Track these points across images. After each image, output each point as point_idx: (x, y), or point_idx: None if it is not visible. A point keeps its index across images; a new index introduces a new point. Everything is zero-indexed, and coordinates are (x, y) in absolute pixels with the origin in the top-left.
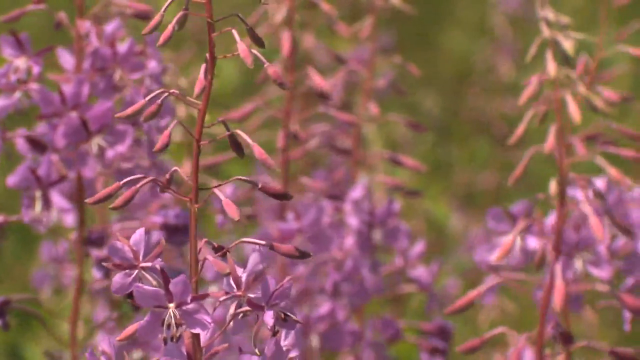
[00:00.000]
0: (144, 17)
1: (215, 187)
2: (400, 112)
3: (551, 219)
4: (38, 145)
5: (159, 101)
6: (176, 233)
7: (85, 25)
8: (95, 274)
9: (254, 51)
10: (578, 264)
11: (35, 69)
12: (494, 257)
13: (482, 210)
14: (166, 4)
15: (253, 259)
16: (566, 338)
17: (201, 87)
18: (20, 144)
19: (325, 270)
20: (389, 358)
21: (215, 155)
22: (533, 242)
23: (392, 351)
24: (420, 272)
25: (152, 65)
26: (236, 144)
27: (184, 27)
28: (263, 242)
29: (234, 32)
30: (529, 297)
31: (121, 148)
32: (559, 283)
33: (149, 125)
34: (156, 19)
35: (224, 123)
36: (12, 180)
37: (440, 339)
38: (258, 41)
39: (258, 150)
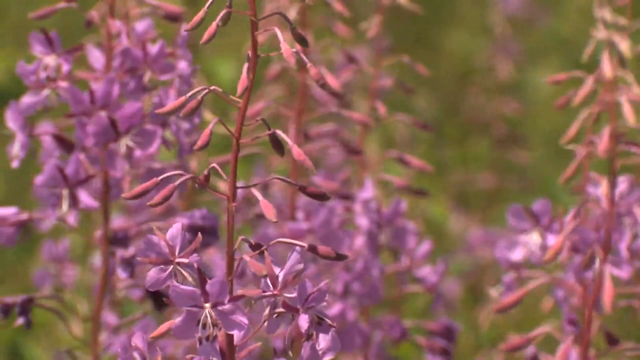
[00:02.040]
0: (175, 18)
1: (253, 186)
2: (397, 112)
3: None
4: (65, 143)
5: (199, 97)
6: (202, 234)
7: (116, 24)
8: (121, 273)
9: (296, 51)
10: (597, 263)
11: (65, 67)
12: (545, 257)
13: (479, 210)
14: (209, 2)
15: (292, 258)
16: (612, 339)
17: (244, 85)
18: (47, 141)
19: (334, 270)
20: (391, 358)
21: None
22: (553, 241)
23: (393, 351)
24: (426, 271)
25: (182, 66)
26: (277, 143)
27: (227, 24)
28: (303, 244)
29: (277, 30)
30: (530, 297)
31: (150, 149)
32: (607, 284)
33: (177, 126)
34: (199, 15)
35: (264, 122)
36: (40, 179)
37: (446, 339)
38: (302, 40)
39: (297, 152)
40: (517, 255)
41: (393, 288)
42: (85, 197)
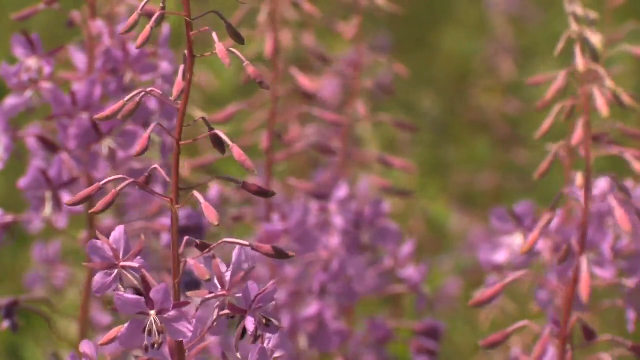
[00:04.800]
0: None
1: (195, 187)
2: (398, 112)
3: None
4: (49, 145)
5: (137, 99)
6: (187, 234)
7: (97, 25)
8: None
9: (234, 50)
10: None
11: (47, 69)
12: (521, 250)
13: (481, 209)
14: (143, 2)
15: (236, 257)
16: (589, 333)
17: (180, 88)
18: (31, 143)
19: (311, 271)
20: (389, 358)
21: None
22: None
23: (391, 351)
24: (409, 272)
25: (164, 66)
26: (218, 142)
27: (160, 25)
28: (246, 242)
29: (213, 33)
30: (531, 297)
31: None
32: (584, 277)
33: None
34: (133, 17)
35: (204, 120)
36: (23, 182)
37: (430, 339)
38: (238, 38)
39: (237, 152)
40: (500, 257)
41: (379, 288)
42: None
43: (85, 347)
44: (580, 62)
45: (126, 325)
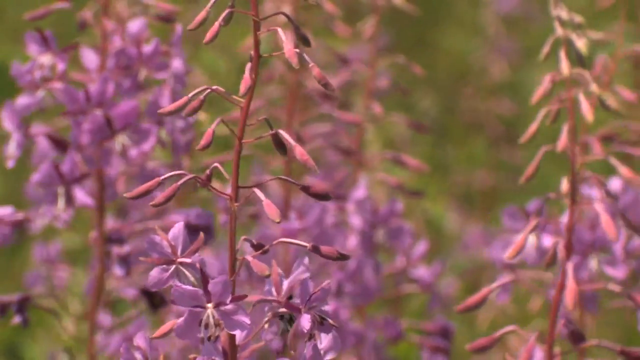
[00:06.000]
0: (168, 17)
1: (255, 185)
2: (397, 112)
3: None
4: (59, 143)
5: (202, 97)
6: (197, 233)
7: (110, 24)
8: (118, 271)
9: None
10: (593, 263)
11: (60, 66)
12: (506, 255)
13: (479, 210)
14: (212, 1)
15: (299, 267)
16: (577, 336)
17: (247, 85)
18: (42, 141)
19: (328, 270)
20: (389, 358)
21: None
22: (548, 241)
23: (391, 351)
24: (422, 272)
25: (176, 65)
26: (279, 144)
27: (229, 23)
28: (304, 244)
29: (280, 30)
30: (529, 296)
31: (145, 147)
32: (570, 282)
33: (172, 125)
34: (202, 14)
35: (267, 122)
36: (36, 177)
37: (442, 339)
38: (305, 41)
39: (300, 151)
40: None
41: (391, 288)
42: (81, 195)
43: (140, 340)
44: (565, 66)
45: (183, 317)
